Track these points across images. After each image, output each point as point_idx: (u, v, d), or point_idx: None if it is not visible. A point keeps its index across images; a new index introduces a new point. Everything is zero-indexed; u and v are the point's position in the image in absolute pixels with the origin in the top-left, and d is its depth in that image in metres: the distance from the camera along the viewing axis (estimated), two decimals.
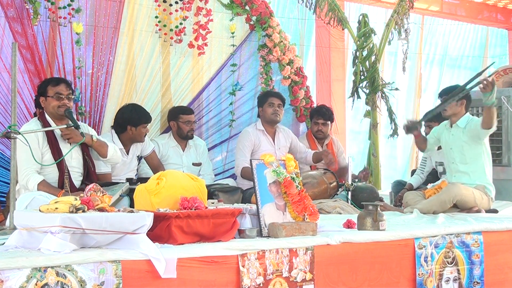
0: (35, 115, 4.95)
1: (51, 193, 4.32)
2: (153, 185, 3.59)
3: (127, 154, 5.55)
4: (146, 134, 5.61)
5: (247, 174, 6.01)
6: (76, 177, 4.65)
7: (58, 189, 4.45)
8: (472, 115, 5.85)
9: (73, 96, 4.72)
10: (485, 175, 5.52)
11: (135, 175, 5.70)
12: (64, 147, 4.58)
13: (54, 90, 4.59)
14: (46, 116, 4.62)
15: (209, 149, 6.54)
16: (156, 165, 5.74)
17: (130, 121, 5.48)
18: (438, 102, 6.07)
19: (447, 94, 5.68)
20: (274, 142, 6.37)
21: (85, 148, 4.72)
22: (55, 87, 4.60)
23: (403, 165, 9.90)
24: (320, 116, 6.76)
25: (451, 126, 5.63)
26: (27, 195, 4.29)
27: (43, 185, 4.43)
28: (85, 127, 4.82)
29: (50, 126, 4.53)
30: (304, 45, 8.48)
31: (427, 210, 5.29)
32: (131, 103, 5.73)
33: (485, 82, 5.19)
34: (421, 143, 5.86)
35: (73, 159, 4.62)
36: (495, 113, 5.35)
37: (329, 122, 6.80)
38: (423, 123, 5.91)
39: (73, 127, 4.52)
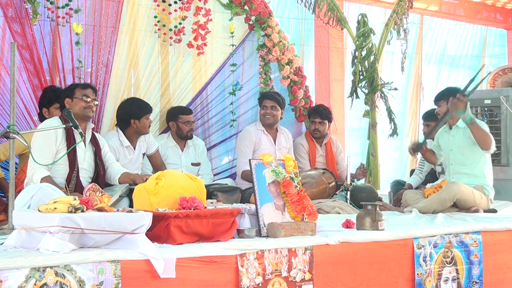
0: (39, 115, 5.11)
1: None
2: (152, 185, 3.59)
3: (134, 150, 5.56)
4: (150, 125, 5.66)
5: (248, 177, 6.02)
6: (85, 177, 4.72)
7: (60, 188, 4.44)
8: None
9: (96, 103, 4.86)
10: (484, 176, 5.51)
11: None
12: (80, 148, 4.69)
13: (82, 93, 4.76)
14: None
15: (209, 149, 6.54)
16: (159, 165, 5.75)
17: (132, 114, 5.51)
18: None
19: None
20: (275, 142, 6.38)
21: (99, 152, 4.84)
22: (83, 90, 4.79)
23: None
24: (317, 115, 6.75)
25: (450, 128, 5.62)
26: (34, 186, 4.26)
27: (47, 181, 4.43)
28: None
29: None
30: (303, 45, 8.46)
31: (427, 209, 5.29)
32: (130, 97, 5.80)
33: (455, 100, 5.21)
34: (431, 157, 5.79)
35: (85, 161, 4.73)
36: (480, 128, 5.29)
37: (326, 121, 6.78)
38: (427, 141, 5.81)
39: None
